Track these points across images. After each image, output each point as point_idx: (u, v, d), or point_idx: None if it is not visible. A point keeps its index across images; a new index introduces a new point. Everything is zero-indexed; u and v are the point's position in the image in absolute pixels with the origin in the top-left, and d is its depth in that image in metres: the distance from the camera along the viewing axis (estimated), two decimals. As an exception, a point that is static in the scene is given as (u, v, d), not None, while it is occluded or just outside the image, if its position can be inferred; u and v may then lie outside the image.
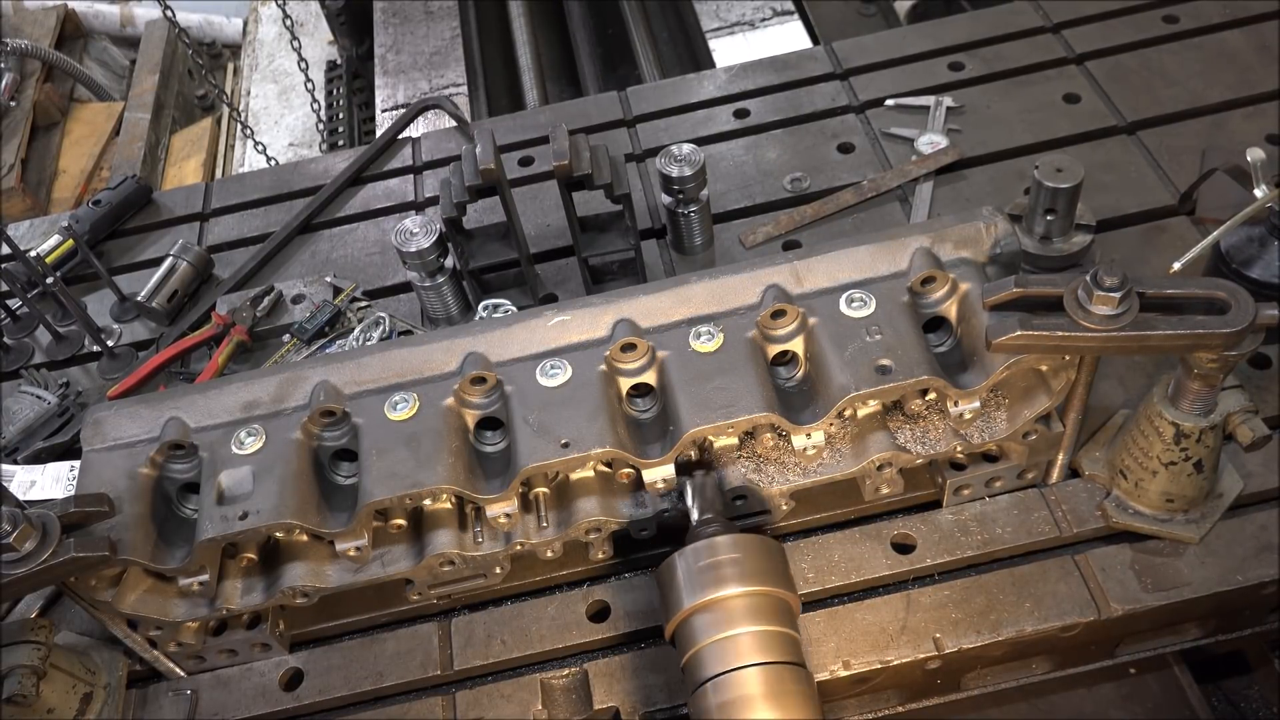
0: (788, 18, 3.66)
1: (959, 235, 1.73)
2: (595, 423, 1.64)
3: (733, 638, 1.55)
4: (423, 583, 1.81)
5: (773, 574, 1.61)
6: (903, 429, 1.77)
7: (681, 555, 1.63)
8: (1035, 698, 2.02)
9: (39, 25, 5.78)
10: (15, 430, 2.28)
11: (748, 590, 1.58)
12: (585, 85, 3.82)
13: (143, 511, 1.66)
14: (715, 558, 1.60)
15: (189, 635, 1.80)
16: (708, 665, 1.54)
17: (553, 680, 1.81)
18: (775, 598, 1.60)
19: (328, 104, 4.42)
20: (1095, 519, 1.84)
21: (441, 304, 2.29)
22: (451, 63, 3.57)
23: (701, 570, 1.60)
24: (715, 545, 1.61)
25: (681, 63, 3.83)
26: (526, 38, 3.85)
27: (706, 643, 1.56)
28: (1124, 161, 2.40)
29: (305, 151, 4.42)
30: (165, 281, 2.48)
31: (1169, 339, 1.51)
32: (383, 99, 3.51)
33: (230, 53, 5.96)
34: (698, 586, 1.59)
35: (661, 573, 1.66)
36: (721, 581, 1.58)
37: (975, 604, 1.79)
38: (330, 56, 4.70)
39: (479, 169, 2.07)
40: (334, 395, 1.71)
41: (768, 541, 1.66)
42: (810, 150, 2.58)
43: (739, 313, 1.73)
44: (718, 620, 1.56)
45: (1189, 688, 2.02)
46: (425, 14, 3.81)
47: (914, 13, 3.76)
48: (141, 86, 5.38)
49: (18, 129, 5.12)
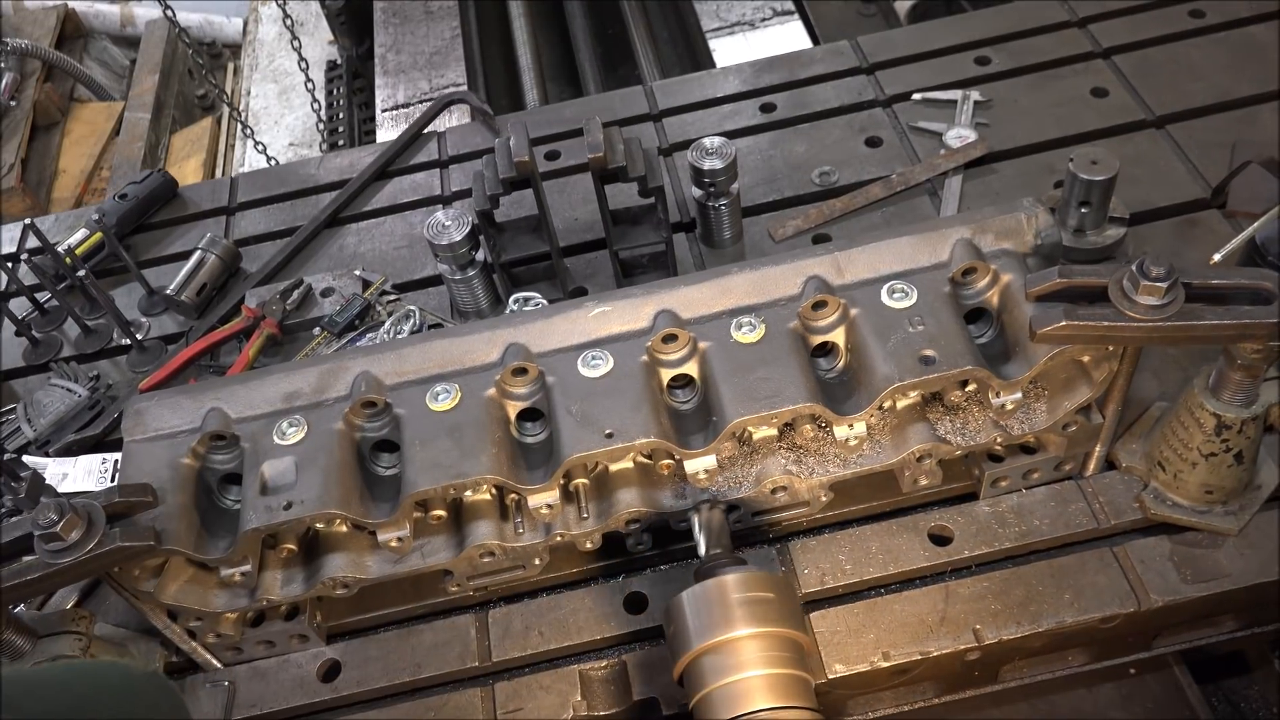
0: (788, 18, 3.66)
1: (1000, 226, 1.73)
2: (639, 413, 1.64)
3: (742, 680, 1.49)
4: (462, 574, 1.81)
5: (783, 614, 1.56)
6: (942, 420, 1.77)
7: (689, 594, 1.58)
8: (1035, 698, 2.02)
9: (39, 25, 5.79)
10: (46, 423, 2.28)
11: (757, 631, 1.52)
12: (585, 85, 3.82)
13: (185, 502, 1.66)
14: (723, 596, 1.55)
15: (228, 626, 1.80)
16: (717, 710, 1.49)
17: (591, 671, 1.81)
18: (785, 638, 1.55)
19: (328, 104, 4.42)
20: (1133, 510, 1.84)
21: (472, 297, 2.29)
22: (451, 63, 3.58)
23: (710, 610, 1.55)
24: (724, 584, 1.57)
25: (681, 63, 3.83)
26: (526, 38, 3.86)
27: (715, 686, 1.50)
28: (1153, 155, 2.40)
29: (305, 151, 4.42)
30: (194, 275, 2.48)
31: (1216, 329, 1.51)
32: (383, 99, 3.51)
33: (230, 53, 5.96)
34: (706, 627, 1.54)
35: (669, 611, 1.60)
36: (730, 623, 1.53)
37: (1014, 595, 1.79)
38: (330, 56, 4.70)
39: (513, 161, 2.07)
40: (375, 386, 1.71)
41: (776, 579, 1.60)
42: (837, 144, 2.58)
43: (780, 304, 1.73)
44: (726, 665, 1.51)
45: (1189, 688, 2.02)
46: (425, 14, 3.81)
47: (914, 13, 3.76)
48: (141, 86, 5.39)
49: (18, 129, 5.13)
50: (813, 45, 3.47)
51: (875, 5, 3.86)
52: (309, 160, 2.93)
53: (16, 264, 2.62)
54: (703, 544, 1.69)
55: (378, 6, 3.89)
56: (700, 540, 1.70)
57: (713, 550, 1.67)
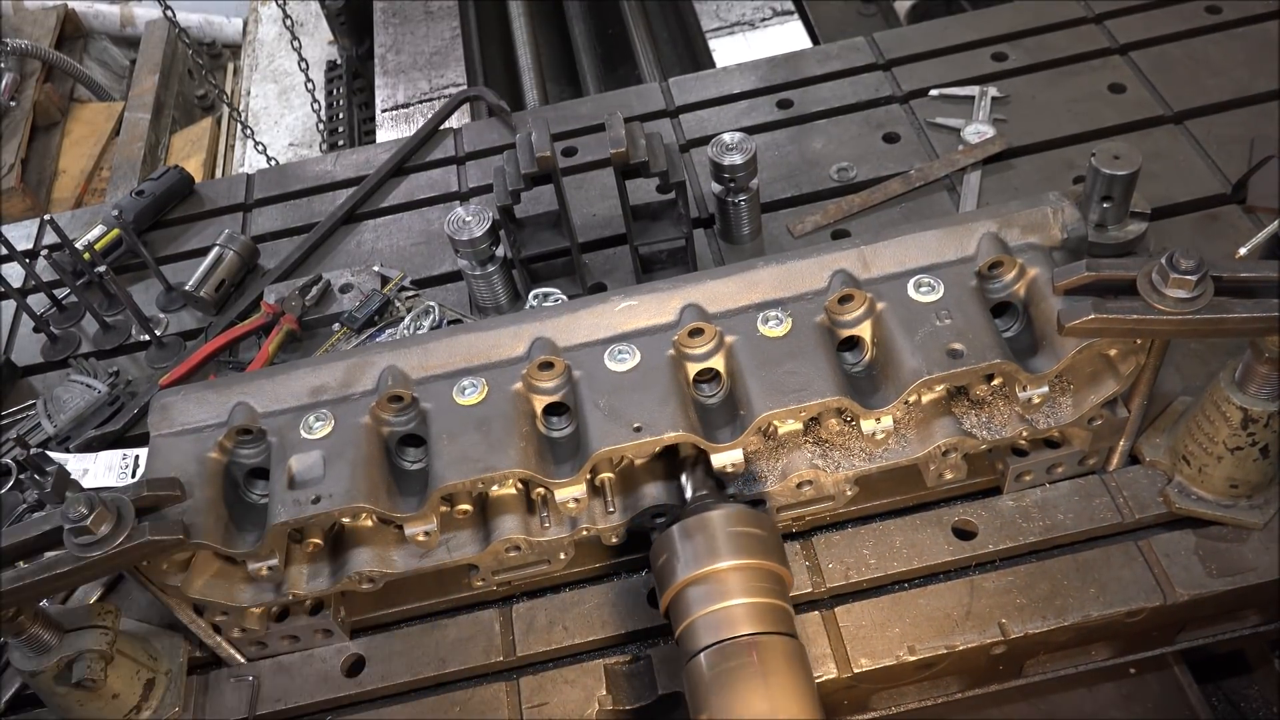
0: (788, 18, 3.67)
1: (1026, 220, 1.73)
2: (667, 407, 1.64)
3: (726, 609, 1.55)
4: (487, 569, 1.81)
5: (767, 547, 1.62)
6: (968, 415, 1.77)
7: (679, 527, 1.63)
8: (1035, 698, 2.02)
9: (39, 25, 5.80)
10: (66, 419, 2.28)
11: (743, 563, 1.58)
12: (585, 85, 3.82)
13: (213, 496, 1.66)
14: (711, 530, 1.61)
15: (253, 621, 1.80)
16: (701, 636, 1.55)
17: (616, 666, 1.82)
18: (768, 570, 1.60)
19: (328, 104, 4.43)
20: (1157, 505, 1.84)
21: (491, 293, 2.29)
22: (451, 63, 3.58)
23: (698, 542, 1.60)
24: (711, 519, 1.62)
25: (681, 63, 3.84)
26: (526, 38, 3.86)
27: (702, 614, 1.56)
28: (1172, 151, 2.40)
29: (305, 151, 4.43)
30: (212, 271, 2.48)
31: (1245, 322, 1.51)
32: (383, 99, 3.52)
33: (230, 53, 5.98)
34: (693, 558, 1.59)
35: (657, 545, 1.66)
36: (716, 554, 1.58)
37: (1039, 589, 1.79)
38: (330, 56, 4.70)
39: (534, 156, 2.07)
40: (402, 380, 1.71)
41: (761, 515, 1.66)
42: (855, 140, 2.58)
43: (806, 298, 1.73)
44: (712, 593, 1.57)
45: (1189, 688, 2.02)
46: (425, 14, 3.82)
47: (914, 13, 3.76)
48: (141, 86, 5.40)
49: (18, 129, 5.14)
50: (813, 45, 3.47)
51: (875, 5, 3.86)
52: (324, 157, 2.93)
53: (34, 260, 2.62)
54: (689, 488, 1.73)
55: (378, 6, 3.90)
56: (687, 484, 1.74)
57: (699, 491, 1.71)
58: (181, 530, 1.57)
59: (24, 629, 1.65)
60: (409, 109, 3.46)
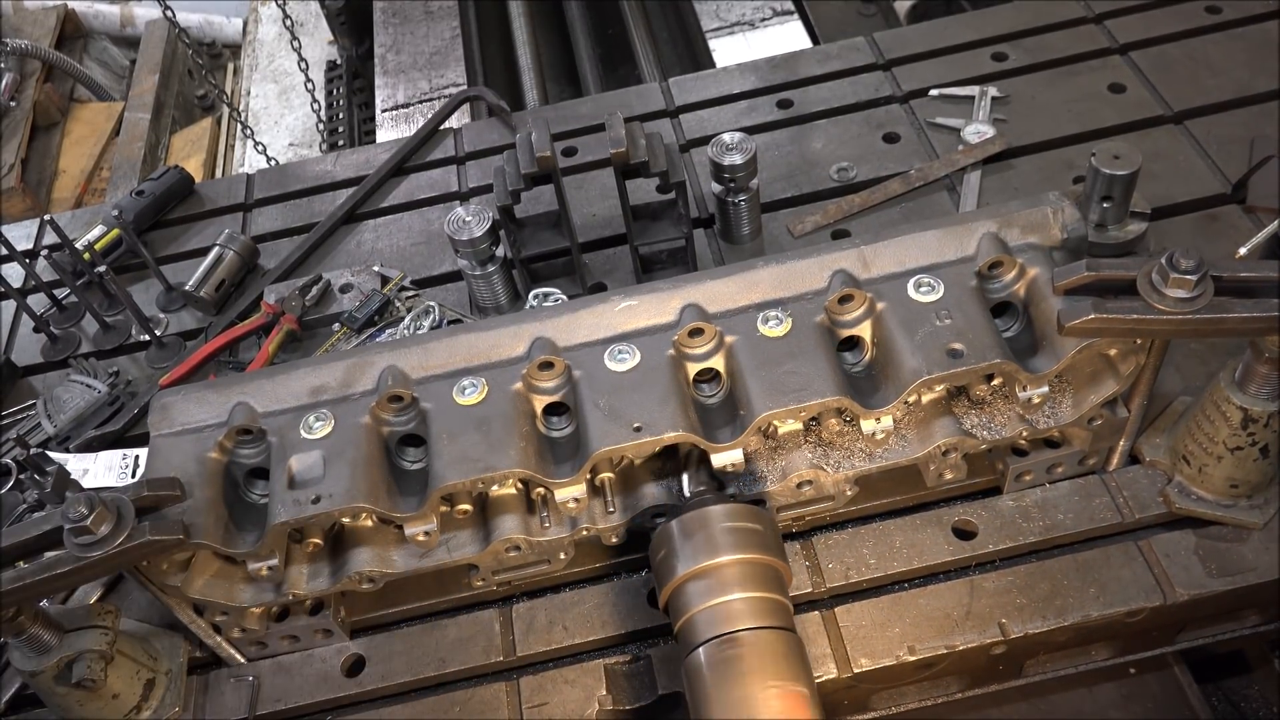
0: (788, 18, 3.67)
1: (1026, 220, 1.73)
2: (667, 407, 1.64)
3: (725, 604, 1.56)
4: (487, 569, 1.81)
5: (766, 543, 1.62)
6: (968, 415, 1.77)
7: (678, 522, 1.64)
8: (1035, 697, 2.02)
9: (39, 25, 5.80)
10: (66, 419, 2.28)
11: (742, 558, 1.59)
12: (585, 85, 3.82)
13: (213, 496, 1.66)
14: (710, 525, 1.61)
15: (253, 621, 1.80)
16: (700, 631, 1.56)
17: (616, 666, 1.82)
18: (767, 565, 1.61)
19: (328, 104, 4.43)
20: (1157, 505, 1.84)
21: (491, 293, 2.29)
22: (451, 63, 3.58)
23: (696, 537, 1.61)
24: (710, 514, 1.62)
25: (681, 63, 3.84)
26: (526, 38, 3.86)
27: (701, 608, 1.57)
28: (1172, 151, 2.40)
29: (305, 151, 4.43)
30: (213, 271, 2.48)
31: (1245, 322, 1.51)
32: (383, 99, 3.51)
33: (230, 53, 5.98)
34: (693, 553, 1.60)
35: (656, 540, 1.67)
36: (716, 549, 1.59)
37: (1039, 589, 1.79)
38: (330, 56, 4.71)
39: (534, 156, 2.07)
40: (402, 380, 1.71)
41: (760, 511, 1.66)
42: (855, 140, 2.58)
43: (806, 298, 1.73)
44: (711, 588, 1.57)
45: (1189, 688, 2.02)
46: (425, 14, 3.82)
47: (914, 12, 3.76)
48: (141, 86, 5.40)
49: (18, 129, 5.14)
50: (813, 45, 3.47)
51: (875, 5, 3.86)
52: (324, 157, 2.93)
53: (34, 260, 2.62)
54: (689, 484, 1.73)
55: (378, 6, 3.90)
56: (687, 481, 1.74)
57: (697, 487, 1.71)
58: (181, 530, 1.57)
59: (24, 629, 1.65)
60: (409, 109, 3.46)
